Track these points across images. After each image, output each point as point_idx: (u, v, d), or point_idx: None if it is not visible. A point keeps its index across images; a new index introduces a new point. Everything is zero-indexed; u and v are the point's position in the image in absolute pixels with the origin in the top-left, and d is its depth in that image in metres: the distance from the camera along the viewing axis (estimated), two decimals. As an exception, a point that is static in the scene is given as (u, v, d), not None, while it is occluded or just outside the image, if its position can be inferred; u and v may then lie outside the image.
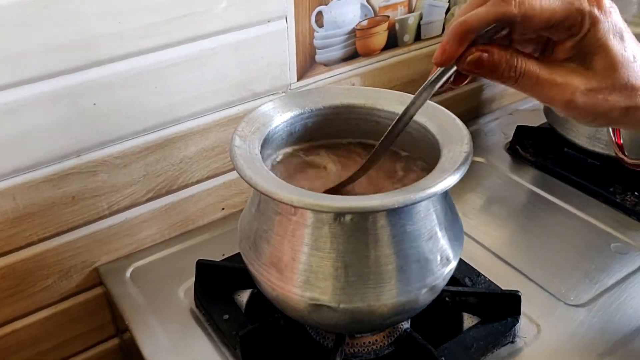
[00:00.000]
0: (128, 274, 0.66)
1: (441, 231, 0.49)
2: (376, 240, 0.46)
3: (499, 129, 0.91)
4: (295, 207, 0.44)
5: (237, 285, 0.62)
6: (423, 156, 0.54)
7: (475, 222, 0.72)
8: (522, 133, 0.85)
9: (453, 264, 0.51)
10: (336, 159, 0.56)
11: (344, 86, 0.55)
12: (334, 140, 0.58)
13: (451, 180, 0.45)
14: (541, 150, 0.83)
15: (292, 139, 0.56)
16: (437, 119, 0.53)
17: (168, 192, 0.68)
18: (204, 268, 0.62)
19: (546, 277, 0.64)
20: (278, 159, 0.55)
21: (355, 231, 0.46)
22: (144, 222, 0.68)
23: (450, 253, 0.50)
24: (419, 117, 0.53)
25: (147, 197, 0.67)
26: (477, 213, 0.75)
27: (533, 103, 0.97)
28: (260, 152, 0.50)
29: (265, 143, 0.52)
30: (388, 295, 0.47)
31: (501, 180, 0.80)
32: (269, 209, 0.49)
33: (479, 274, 0.62)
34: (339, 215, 0.45)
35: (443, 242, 0.49)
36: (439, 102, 0.54)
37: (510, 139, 0.86)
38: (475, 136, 0.88)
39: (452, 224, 0.51)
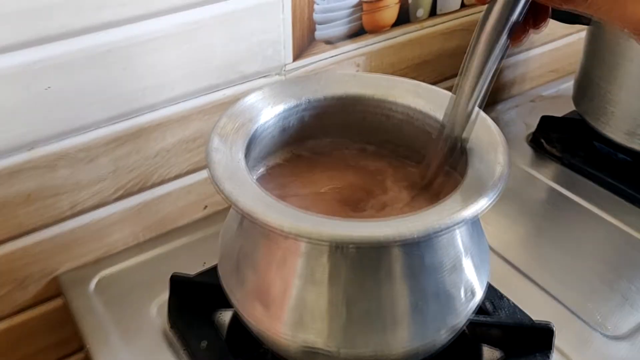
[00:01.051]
0: (93, 285, 0.57)
1: (466, 258, 0.40)
2: (387, 274, 0.37)
3: (520, 118, 0.81)
4: (286, 234, 0.35)
5: (218, 304, 0.53)
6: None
7: (493, 229, 0.63)
8: (548, 124, 0.75)
9: (478, 297, 0.42)
10: (339, 163, 0.47)
11: (348, 72, 0.46)
12: (337, 138, 0.48)
13: (484, 202, 0.35)
14: (569, 144, 0.73)
15: (285, 136, 0.47)
16: (463, 118, 0.43)
17: (141, 190, 0.59)
18: (179, 285, 0.53)
19: (578, 300, 0.55)
20: (267, 164, 0.46)
21: (361, 262, 0.37)
22: (114, 223, 0.59)
23: (476, 284, 0.41)
24: (438, 114, 0.44)
25: (117, 195, 0.58)
26: (493, 216, 0.65)
27: (557, 88, 0.87)
28: (246, 155, 0.41)
29: (251, 143, 0.43)
30: (399, 339, 0.38)
31: (522, 178, 0.71)
32: (254, 229, 0.40)
33: (501, 296, 0.53)
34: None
35: (468, 271, 0.40)
36: (447, 87, 0.45)
37: (533, 130, 0.76)
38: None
39: (479, 247, 0.42)
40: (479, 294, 0.42)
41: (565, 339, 0.51)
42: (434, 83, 0.76)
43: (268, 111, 0.44)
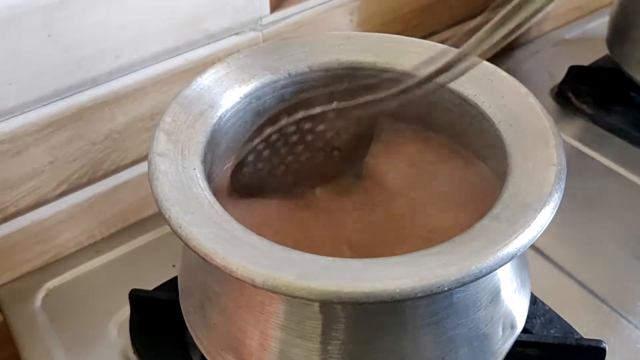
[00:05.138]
0: (39, 299, 0.47)
1: (507, 284, 0.30)
2: (402, 325, 0.27)
3: (542, 66, 0.69)
4: (257, 287, 0.24)
5: (191, 323, 0.43)
6: (476, 153, 0.34)
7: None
8: (577, 75, 0.63)
9: (519, 329, 0.32)
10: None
11: (341, 33, 0.35)
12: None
13: (538, 227, 0.25)
14: (603, 99, 0.62)
15: (260, 121, 0.36)
16: (496, 93, 0.33)
17: (91, 181, 0.48)
18: (140, 302, 0.43)
19: (629, 300, 0.45)
20: (238, 158, 0.35)
21: (365, 312, 0.27)
22: (61, 222, 0.49)
23: (517, 313, 0.31)
24: (463, 88, 0.33)
25: (60, 190, 0.47)
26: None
27: (583, 29, 0.75)
28: (205, 159, 0.30)
29: (214, 138, 0.32)
30: (420, 404, 0.29)
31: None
32: (219, 263, 0.29)
33: (535, 300, 0.44)
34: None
35: (509, 300, 0.31)
36: (442, 40, 0.35)
37: (558, 81, 0.65)
38: (510, 77, 0.66)
39: (521, 262, 0.32)
40: (520, 324, 0.32)
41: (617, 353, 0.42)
42: (442, 30, 0.65)
43: (235, 91, 0.33)
